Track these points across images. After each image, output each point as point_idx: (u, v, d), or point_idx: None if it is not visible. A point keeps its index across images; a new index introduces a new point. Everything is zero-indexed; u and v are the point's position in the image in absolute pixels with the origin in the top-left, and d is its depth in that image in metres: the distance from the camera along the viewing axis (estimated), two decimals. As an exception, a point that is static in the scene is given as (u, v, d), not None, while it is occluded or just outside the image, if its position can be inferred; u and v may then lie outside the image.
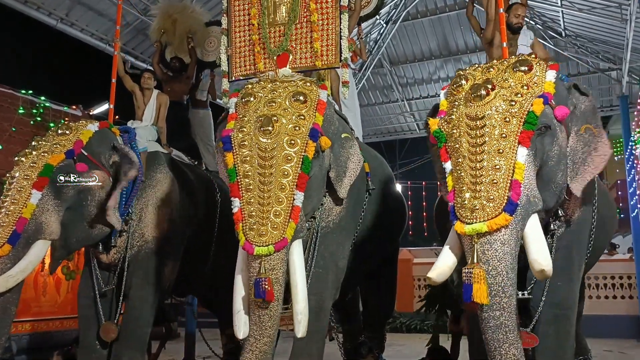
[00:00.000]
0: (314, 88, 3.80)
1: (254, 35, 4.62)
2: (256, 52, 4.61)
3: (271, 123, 3.44)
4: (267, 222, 3.26)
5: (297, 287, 3.42)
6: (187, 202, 5.19)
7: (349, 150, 3.99)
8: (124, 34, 9.45)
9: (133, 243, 4.79)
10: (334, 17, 4.44)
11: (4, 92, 7.00)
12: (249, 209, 3.31)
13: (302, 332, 3.41)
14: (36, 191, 4.11)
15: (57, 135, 4.48)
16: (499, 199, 2.82)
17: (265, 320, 3.28)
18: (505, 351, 2.78)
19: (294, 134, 3.46)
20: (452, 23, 12.56)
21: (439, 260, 3.09)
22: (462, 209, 2.88)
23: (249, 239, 3.25)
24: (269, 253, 3.22)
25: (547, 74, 3.26)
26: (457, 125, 3.06)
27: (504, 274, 2.76)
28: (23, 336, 6.57)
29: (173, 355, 7.88)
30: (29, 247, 4.06)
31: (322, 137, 3.59)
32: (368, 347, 5.52)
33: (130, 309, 4.77)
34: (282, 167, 3.37)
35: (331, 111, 3.93)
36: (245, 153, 3.41)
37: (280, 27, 4.55)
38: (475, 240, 2.79)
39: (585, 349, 4.99)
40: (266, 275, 3.19)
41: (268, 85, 3.75)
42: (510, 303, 2.78)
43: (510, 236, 2.80)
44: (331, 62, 4.47)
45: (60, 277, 7.02)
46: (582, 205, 3.63)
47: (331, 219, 4.12)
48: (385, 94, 14.94)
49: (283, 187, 3.33)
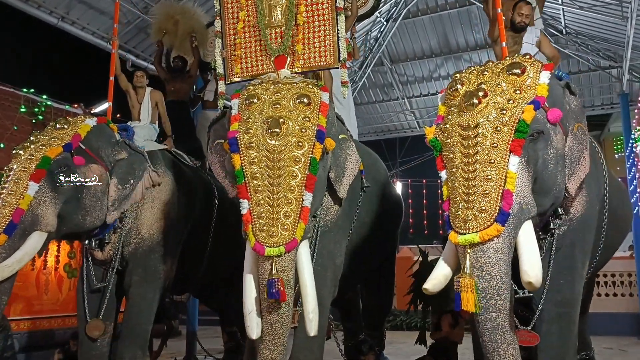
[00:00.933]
0: (316, 90, 3.83)
1: (251, 38, 4.64)
2: (253, 54, 4.63)
3: (279, 125, 3.46)
4: (277, 224, 3.28)
5: (306, 286, 3.42)
6: (184, 201, 5.21)
7: (347, 150, 4.04)
8: (125, 32, 9.46)
9: (129, 240, 4.81)
10: (331, 19, 4.47)
11: (6, 90, 7.02)
12: (258, 210, 3.31)
13: (314, 331, 3.43)
14: (33, 183, 4.15)
15: (56, 130, 4.53)
16: (490, 209, 2.85)
17: (278, 328, 3.29)
18: (503, 351, 2.81)
19: (301, 136, 3.49)
20: (452, 21, 12.54)
21: (435, 271, 3.14)
22: (456, 219, 2.92)
23: (259, 240, 3.25)
24: (280, 254, 3.22)
25: (541, 75, 3.27)
26: (451, 134, 3.10)
27: (499, 277, 2.80)
28: (25, 334, 6.59)
29: (174, 353, 7.89)
30: (25, 238, 4.10)
31: (327, 138, 3.64)
32: (369, 345, 5.54)
33: (131, 307, 4.80)
34: (290, 169, 3.39)
35: (332, 113, 3.97)
36: (253, 155, 3.42)
37: (277, 29, 4.57)
38: (467, 250, 2.83)
39: (588, 346, 5.01)
40: (279, 276, 3.19)
41: (271, 87, 3.77)
42: (505, 305, 2.82)
43: (503, 244, 2.83)
44: (330, 63, 4.50)
45: (62, 275, 7.05)
46: (587, 202, 3.63)
47: (329, 218, 4.16)
48: (385, 91, 14.93)
49: (292, 188, 3.36)
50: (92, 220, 4.50)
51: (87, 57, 10.98)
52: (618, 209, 4.29)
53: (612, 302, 10.93)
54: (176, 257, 5.14)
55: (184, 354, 7.78)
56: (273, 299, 3.20)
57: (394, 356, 6.06)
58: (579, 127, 3.42)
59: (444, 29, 12.81)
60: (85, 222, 4.47)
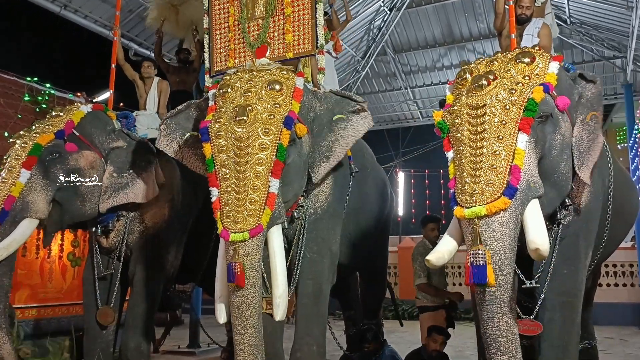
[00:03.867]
0: (291, 76, 3.82)
1: (232, 32, 4.75)
2: (234, 47, 4.73)
3: (246, 112, 3.48)
4: (242, 210, 3.31)
5: (276, 271, 3.47)
6: (188, 189, 5.20)
7: (341, 132, 3.95)
8: (128, 21, 9.44)
9: (133, 228, 4.82)
10: (309, 7, 4.53)
11: (9, 79, 7.00)
12: (225, 197, 3.36)
13: (280, 316, 3.45)
14: (25, 170, 4.18)
15: (52, 118, 4.55)
16: (498, 183, 2.86)
17: (244, 310, 3.28)
18: (497, 320, 2.82)
19: (269, 122, 3.49)
20: (456, 10, 12.47)
21: (439, 245, 3.16)
22: (462, 194, 2.93)
23: (225, 226, 3.30)
24: (244, 239, 3.26)
25: (550, 65, 3.27)
26: (459, 115, 3.10)
27: (502, 253, 2.80)
28: (30, 322, 6.63)
29: (177, 342, 7.94)
30: (16, 225, 4.14)
31: (297, 124, 3.61)
32: (374, 333, 5.55)
33: (135, 295, 4.81)
34: (257, 156, 3.40)
35: (309, 98, 3.94)
36: (222, 143, 3.45)
37: (259, 20, 4.66)
38: (476, 223, 2.83)
39: (591, 335, 5.03)
40: (238, 260, 3.23)
41: (245, 75, 3.78)
42: (506, 280, 2.82)
43: (509, 219, 2.83)
44: (307, 50, 4.54)
45: (66, 264, 7.07)
46: (591, 193, 3.63)
47: (319, 205, 4.16)
48: (388, 81, 14.89)
49: (258, 174, 3.37)
50: (92, 207, 4.51)
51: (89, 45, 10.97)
52: (624, 201, 4.28)
53: (614, 292, 10.97)
54: (181, 246, 5.14)
55: (187, 342, 7.82)
56: (232, 284, 3.24)
57: (396, 345, 6.08)
58: (593, 116, 3.39)
59: (448, 19, 12.75)
60: (84, 210, 4.48)
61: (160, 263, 4.94)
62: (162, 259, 4.95)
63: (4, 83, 6.94)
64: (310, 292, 4.04)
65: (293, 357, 3.95)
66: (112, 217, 4.71)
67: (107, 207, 4.55)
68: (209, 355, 7.44)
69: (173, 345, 7.79)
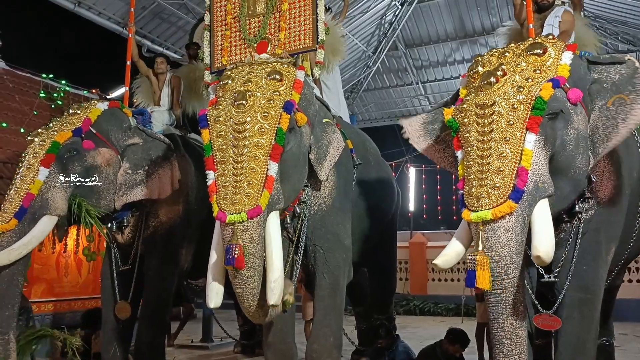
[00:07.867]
0: (291, 69, 3.83)
1: (232, 28, 4.77)
2: (235, 43, 4.75)
3: (245, 97, 3.46)
4: (240, 192, 3.25)
5: (271, 256, 3.38)
6: (203, 185, 5.22)
7: (331, 135, 3.98)
8: (141, 17, 9.50)
9: (148, 223, 4.86)
10: (310, 2, 4.54)
11: (24, 76, 7.08)
12: (222, 180, 3.32)
13: (274, 300, 3.34)
14: (43, 168, 4.23)
15: (69, 115, 4.59)
16: (504, 186, 2.83)
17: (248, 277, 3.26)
18: (502, 321, 2.83)
19: (268, 107, 3.46)
20: (468, 4, 12.39)
21: (447, 248, 3.14)
22: (470, 197, 2.91)
23: (222, 208, 3.24)
24: (242, 220, 3.19)
25: (563, 55, 3.19)
26: (468, 114, 3.07)
27: (507, 258, 2.79)
28: (46, 316, 6.73)
29: (190, 336, 8.01)
30: (35, 222, 4.18)
31: (297, 113, 3.60)
32: (387, 329, 5.56)
33: (150, 290, 4.87)
34: (255, 139, 3.36)
35: (310, 92, 3.94)
36: (220, 128, 3.42)
37: (260, 17, 4.68)
38: (480, 227, 2.83)
39: (610, 332, 4.93)
40: (237, 242, 3.17)
41: (246, 68, 3.79)
42: (512, 283, 2.82)
43: (515, 223, 2.81)
44: (308, 45, 4.54)
45: (82, 259, 7.15)
46: (616, 186, 3.51)
47: (322, 201, 4.13)
48: (399, 76, 14.85)
49: (257, 158, 3.33)
50: (107, 203, 4.55)
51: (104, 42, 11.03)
52: None
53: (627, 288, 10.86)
54: (194, 241, 5.18)
55: (200, 336, 7.89)
56: (230, 266, 3.19)
57: (408, 340, 6.09)
58: (617, 100, 3.21)
59: (460, 13, 12.67)
60: (99, 206, 4.52)
61: (174, 258, 4.98)
62: (177, 254, 5.00)
63: (19, 80, 7.01)
64: (327, 284, 4.05)
65: (310, 348, 3.98)
66: (127, 213, 4.75)
67: (122, 204, 4.59)
68: (222, 349, 7.49)
69: (186, 340, 7.85)
